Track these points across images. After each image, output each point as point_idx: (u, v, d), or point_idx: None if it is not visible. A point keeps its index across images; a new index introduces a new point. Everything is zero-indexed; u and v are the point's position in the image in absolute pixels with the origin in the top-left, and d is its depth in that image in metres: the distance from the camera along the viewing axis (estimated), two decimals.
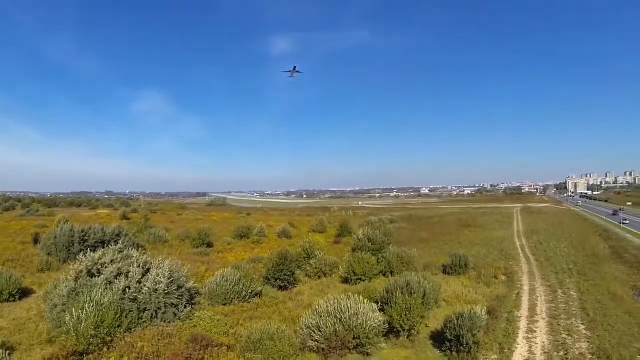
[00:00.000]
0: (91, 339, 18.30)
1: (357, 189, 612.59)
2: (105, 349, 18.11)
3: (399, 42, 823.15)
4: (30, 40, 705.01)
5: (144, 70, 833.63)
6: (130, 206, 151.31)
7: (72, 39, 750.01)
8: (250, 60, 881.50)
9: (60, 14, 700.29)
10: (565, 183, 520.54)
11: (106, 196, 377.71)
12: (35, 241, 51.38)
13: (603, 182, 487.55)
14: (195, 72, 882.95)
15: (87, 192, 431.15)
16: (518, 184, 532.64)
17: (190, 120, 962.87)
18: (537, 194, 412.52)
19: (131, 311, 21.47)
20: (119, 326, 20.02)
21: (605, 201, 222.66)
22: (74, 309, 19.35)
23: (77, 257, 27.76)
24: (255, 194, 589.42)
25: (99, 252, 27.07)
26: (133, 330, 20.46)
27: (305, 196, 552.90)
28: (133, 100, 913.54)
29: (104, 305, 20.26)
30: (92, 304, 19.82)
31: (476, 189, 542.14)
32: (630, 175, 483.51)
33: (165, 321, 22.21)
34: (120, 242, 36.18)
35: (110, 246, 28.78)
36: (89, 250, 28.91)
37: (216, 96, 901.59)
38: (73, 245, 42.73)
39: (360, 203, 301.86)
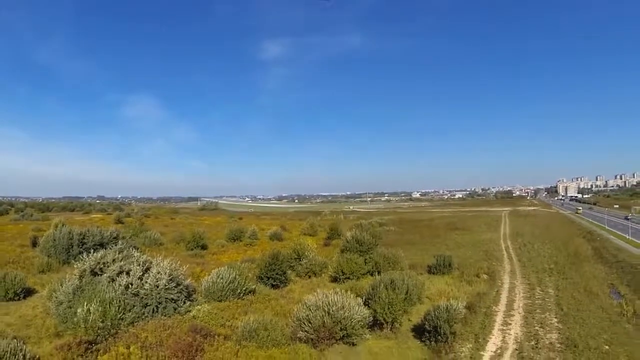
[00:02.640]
0: (99, 330, 19.91)
1: (348, 193, 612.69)
2: (111, 339, 19.67)
3: (391, 47, 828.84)
4: (22, 42, 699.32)
5: (136, 73, 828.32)
6: (123, 210, 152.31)
7: (65, 42, 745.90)
8: (244, 65, 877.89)
9: (52, 17, 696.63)
10: (556, 187, 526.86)
11: (98, 200, 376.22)
12: (34, 244, 52.56)
13: (593, 186, 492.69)
14: (187, 76, 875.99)
15: (78, 197, 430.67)
16: (509, 188, 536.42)
17: (182, 125, 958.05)
18: (528, 198, 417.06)
19: (134, 306, 23.05)
20: (122, 319, 21.60)
21: (594, 204, 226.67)
22: (85, 302, 20.92)
23: (77, 258, 29.17)
24: (247, 199, 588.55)
25: (101, 252, 28.59)
26: (135, 323, 22.00)
27: (296, 201, 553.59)
28: (125, 104, 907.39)
29: (107, 300, 21.85)
30: (98, 299, 21.40)
31: (467, 192, 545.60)
32: (621, 178, 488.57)
33: (165, 315, 23.74)
34: (119, 243, 37.46)
35: (109, 248, 30.16)
36: (90, 251, 30.18)
37: (208, 100, 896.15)
38: (72, 247, 43.77)
39: (351, 207, 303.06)
